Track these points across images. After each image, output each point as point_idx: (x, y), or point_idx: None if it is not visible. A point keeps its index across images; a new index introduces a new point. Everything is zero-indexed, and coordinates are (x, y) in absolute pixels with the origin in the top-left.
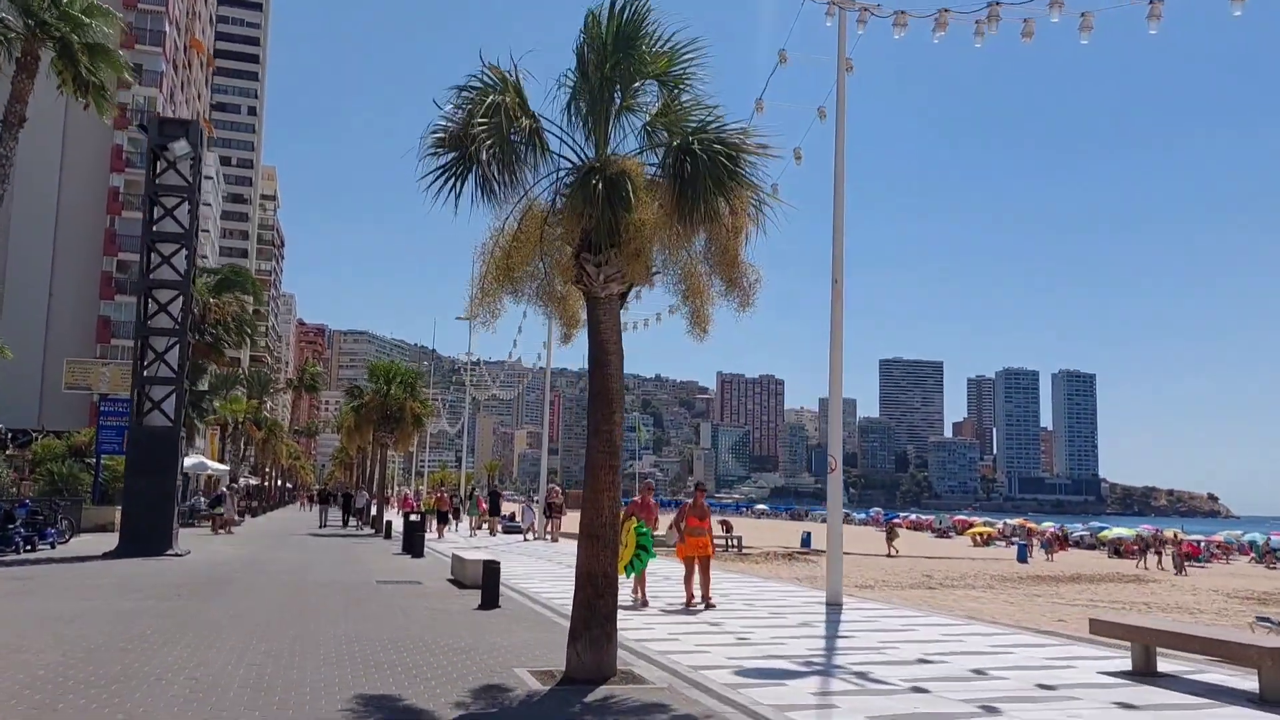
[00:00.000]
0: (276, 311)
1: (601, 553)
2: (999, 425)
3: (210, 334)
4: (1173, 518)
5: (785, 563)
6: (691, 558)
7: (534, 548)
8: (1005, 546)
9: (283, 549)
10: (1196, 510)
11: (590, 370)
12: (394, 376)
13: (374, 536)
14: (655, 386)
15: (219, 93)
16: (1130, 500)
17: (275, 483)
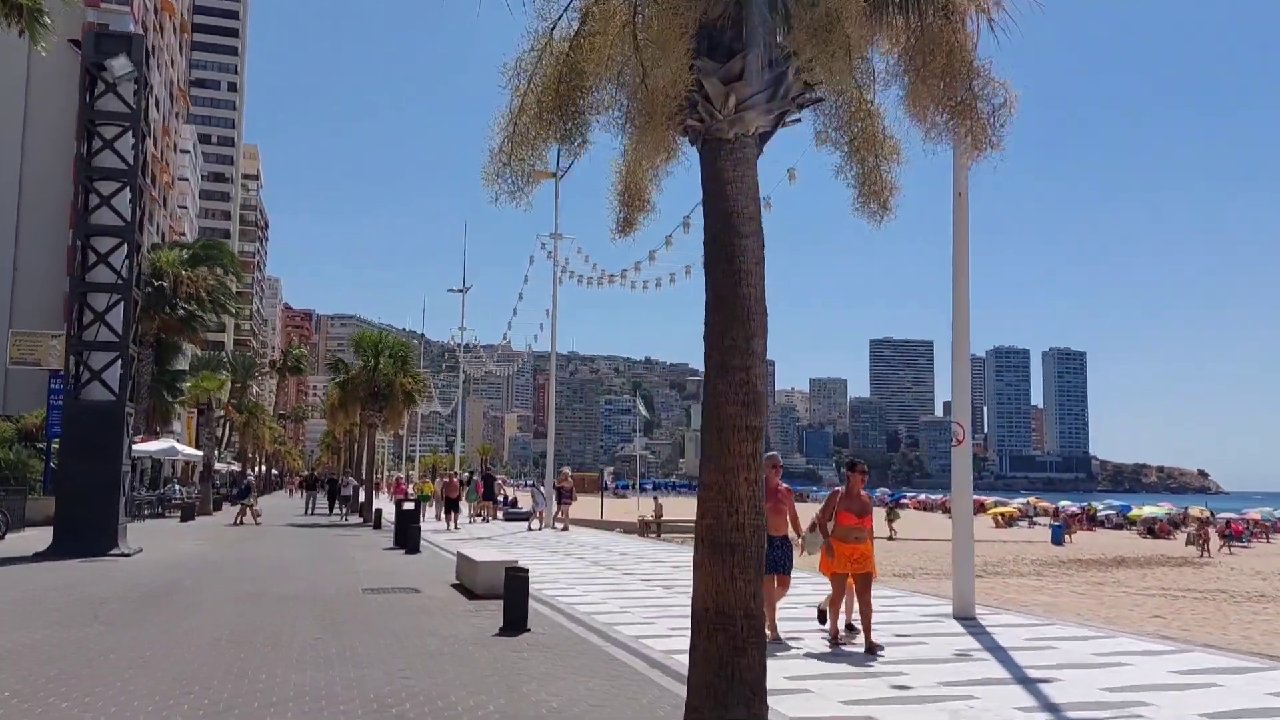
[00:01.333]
0: (261, 295)
1: (739, 575)
2: (990, 404)
3: (183, 309)
4: (1163, 494)
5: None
6: (844, 575)
7: (544, 538)
8: (1028, 527)
9: (257, 543)
10: (1187, 486)
11: (709, 264)
12: (383, 349)
13: (363, 526)
14: (645, 369)
15: (197, 68)
16: (1121, 477)
17: (260, 469)
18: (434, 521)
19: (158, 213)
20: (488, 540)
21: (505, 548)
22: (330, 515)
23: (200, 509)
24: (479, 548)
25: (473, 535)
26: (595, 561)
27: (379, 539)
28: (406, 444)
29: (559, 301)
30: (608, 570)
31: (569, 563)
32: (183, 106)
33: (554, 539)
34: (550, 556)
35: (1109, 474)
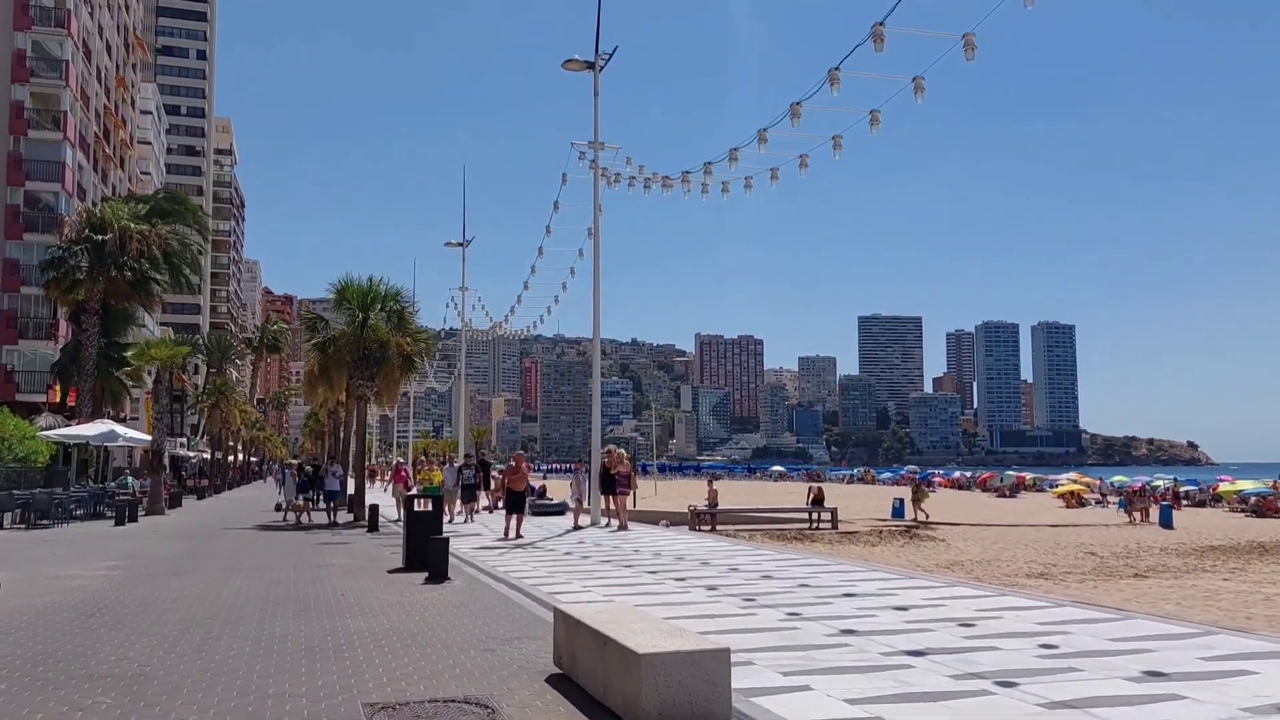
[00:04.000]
0: (239, 277)
1: None
2: (979, 379)
3: (131, 269)
4: (1153, 466)
5: (912, 543)
6: None
7: (607, 544)
8: (1104, 508)
9: (194, 563)
10: (1177, 458)
11: None
12: (373, 300)
13: (353, 527)
14: (633, 350)
15: (164, 34)
16: (1111, 450)
17: (238, 457)
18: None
19: (113, 172)
20: (535, 551)
21: (582, 572)
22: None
23: (150, 506)
24: (573, 593)
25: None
26: (756, 599)
27: (379, 551)
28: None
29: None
30: (811, 623)
31: (724, 603)
32: (140, 56)
33: (621, 544)
34: (675, 590)
35: (1099, 447)
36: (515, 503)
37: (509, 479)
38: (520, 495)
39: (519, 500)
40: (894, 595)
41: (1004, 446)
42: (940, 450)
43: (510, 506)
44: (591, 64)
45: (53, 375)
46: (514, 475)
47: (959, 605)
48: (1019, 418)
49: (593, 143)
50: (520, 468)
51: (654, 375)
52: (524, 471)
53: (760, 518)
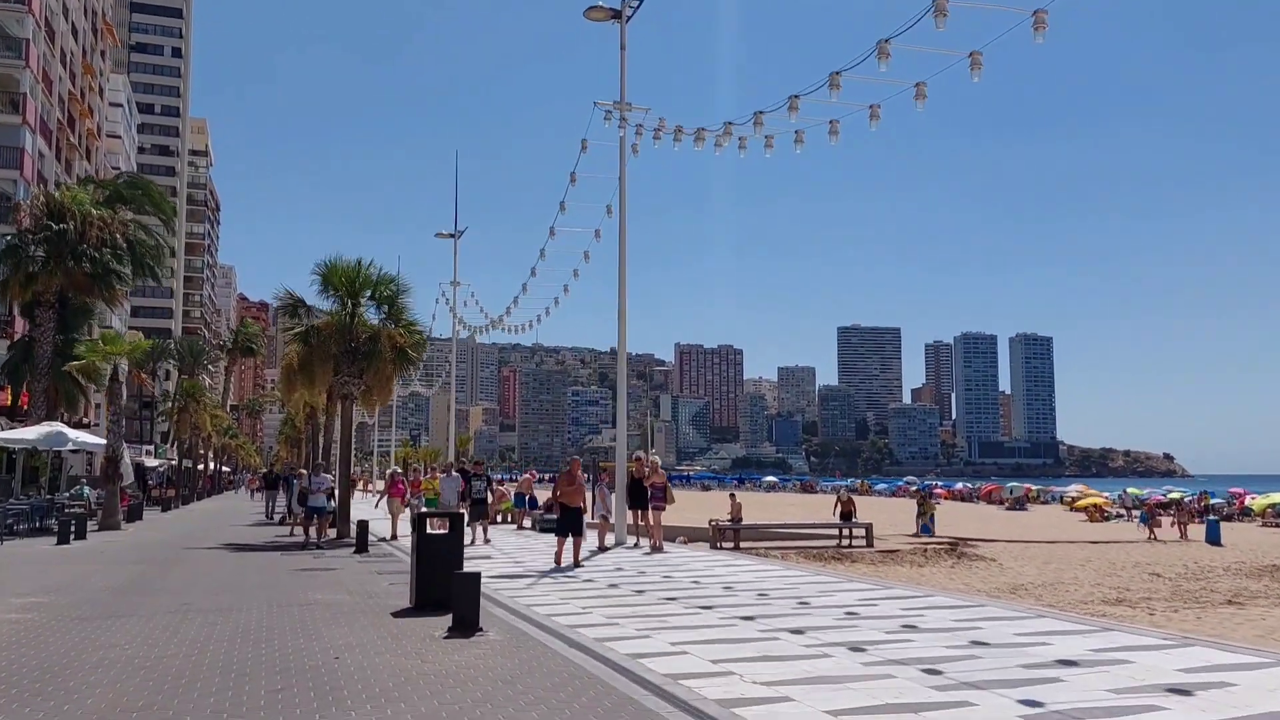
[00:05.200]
0: (214, 282)
1: None
2: (958, 390)
3: (91, 259)
4: (1130, 478)
5: (961, 564)
6: None
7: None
8: (1127, 520)
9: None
10: (1153, 470)
11: None
12: (362, 286)
13: (337, 547)
14: (611, 360)
15: (137, 31)
16: (1088, 462)
17: (209, 465)
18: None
19: (78, 163)
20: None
21: (648, 616)
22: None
23: (104, 520)
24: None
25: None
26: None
27: (375, 581)
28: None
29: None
30: None
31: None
32: (110, 44)
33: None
34: (795, 648)
35: (1076, 459)
36: (571, 523)
37: (562, 491)
38: (578, 514)
39: (575, 520)
40: (1048, 646)
41: (982, 458)
42: (919, 461)
43: (564, 526)
44: (617, 13)
45: (3, 375)
46: (569, 487)
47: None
48: (997, 429)
49: (618, 103)
50: (578, 477)
51: (633, 384)
52: (581, 482)
53: (786, 534)
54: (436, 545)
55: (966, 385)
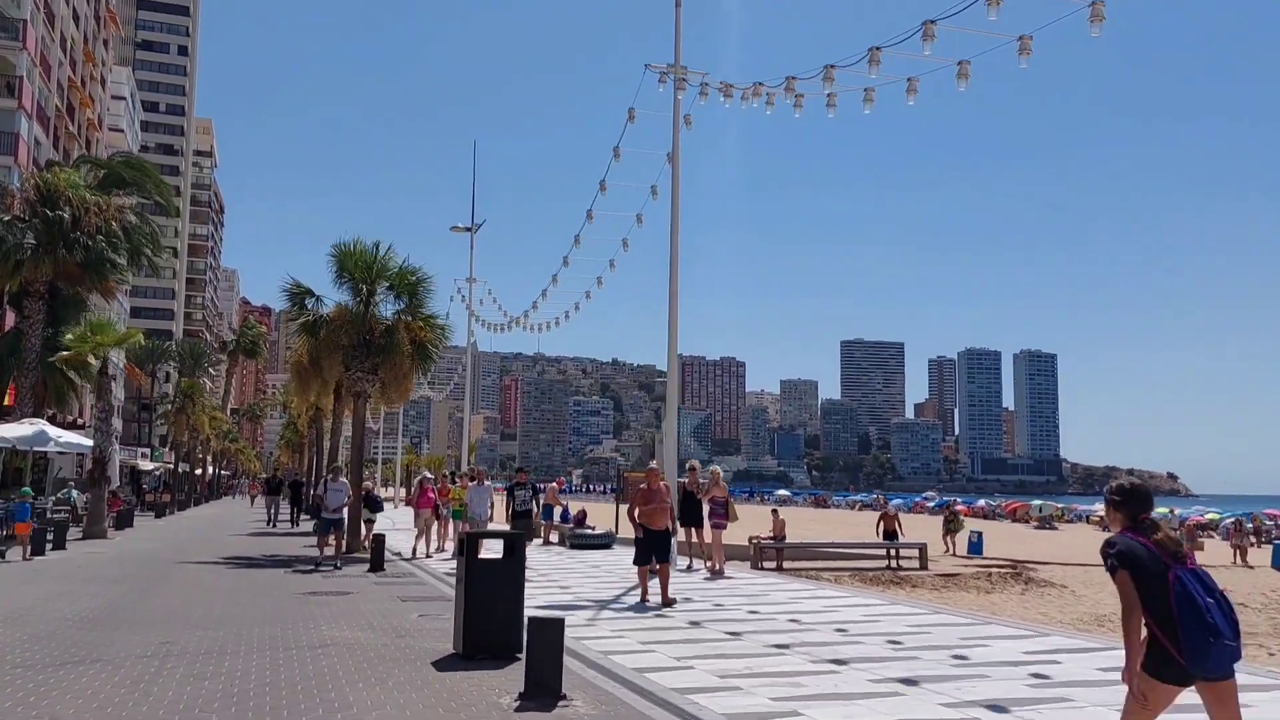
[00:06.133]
0: (216, 284)
1: None
2: (961, 406)
3: (84, 247)
4: None
5: (1030, 589)
6: None
7: (721, 598)
8: None
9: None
10: (1157, 489)
11: None
12: (377, 274)
13: (349, 563)
14: (613, 370)
15: (144, 28)
16: (1091, 480)
17: (207, 470)
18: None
19: (77, 152)
20: (638, 619)
21: (765, 672)
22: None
23: (88, 527)
24: (718, 678)
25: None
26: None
27: (400, 611)
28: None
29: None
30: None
31: None
32: (114, 32)
33: (751, 602)
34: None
35: (1079, 476)
36: (658, 550)
37: (641, 510)
38: (665, 539)
39: (662, 546)
40: None
41: (985, 474)
42: (921, 476)
43: (648, 553)
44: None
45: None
46: (650, 504)
47: None
48: (1000, 445)
49: (672, 66)
50: (660, 489)
51: (635, 395)
52: (665, 496)
53: (830, 554)
54: (491, 574)
55: (970, 401)
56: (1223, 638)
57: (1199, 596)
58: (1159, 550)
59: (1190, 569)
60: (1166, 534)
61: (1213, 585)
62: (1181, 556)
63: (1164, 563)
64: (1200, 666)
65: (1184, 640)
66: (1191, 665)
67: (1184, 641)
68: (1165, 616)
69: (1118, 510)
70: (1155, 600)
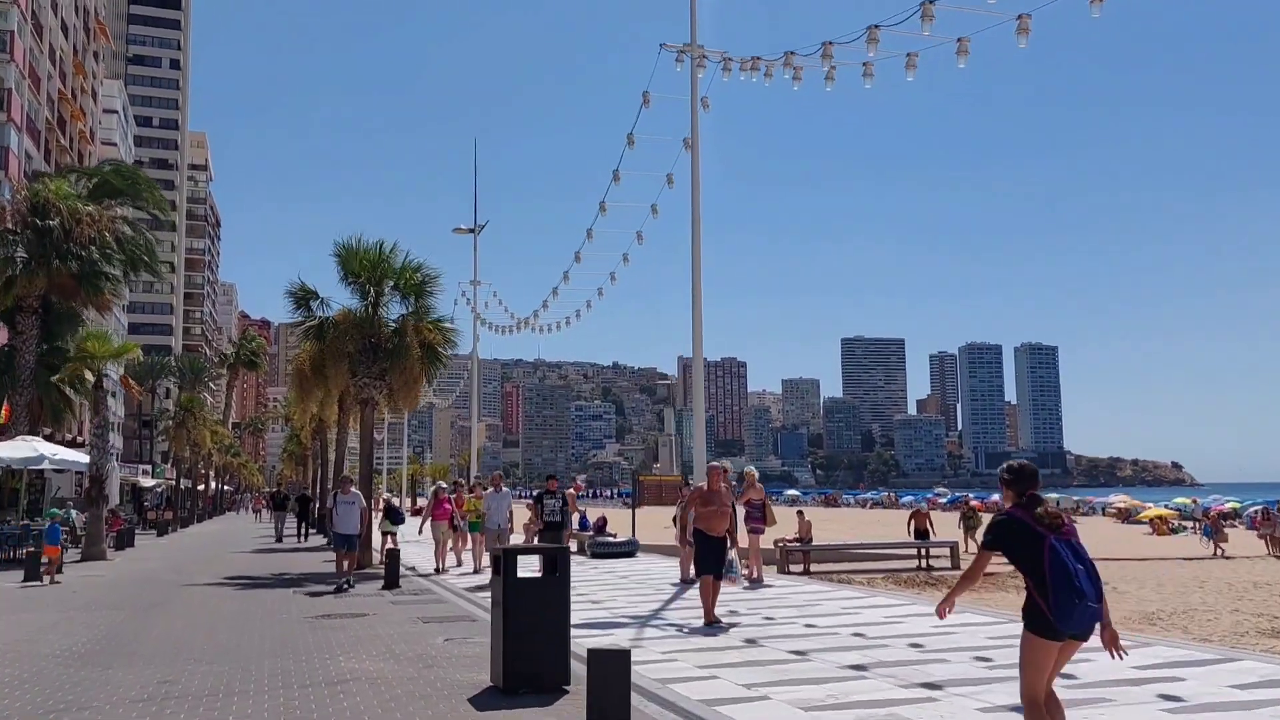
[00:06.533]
0: (214, 299)
1: None
2: (963, 401)
3: (77, 259)
4: (1139, 487)
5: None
6: None
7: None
8: (1191, 533)
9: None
10: (1162, 479)
11: None
12: (383, 274)
13: (361, 580)
14: (614, 374)
15: (135, 43)
16: (1096, 471)
17: (209, 485)
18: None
19: (68, 165)
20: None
21: (874, 705)
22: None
23: (87, 549)
24: None
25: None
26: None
27: (424, 635)
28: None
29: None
30: None
31: None
32: (104, 44)
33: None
34: None
35: (1084, 468)
36: (713, 556)
37: (699, 513)
38: (723, 546)
39: (719, 555)
40: None
41: (989, 468)
42: (925, 472)
43: (707, 563)
44: None
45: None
46: (710, 506)
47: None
48: (1003, 439)
49: (688, 45)
50: (722, 491)
51: (636, 399)
52: (726, 499)
53: (860, 554)
54: (533, 595)
55: (972, 396)
56: (1087, 599)
57: (1070, 563)
58: (1037, 522)
59: (1065, 539)
60: (1047, 509)
61: (1083, 554)
62: (1058, 527)
63: (1040, 533)
64: (1066, 624)
65: (1054, 601)
66: (1060, 623)
67: (1053, 602)
68: (1040, 580)
69: (1009, 488)
70: (1032, 566)
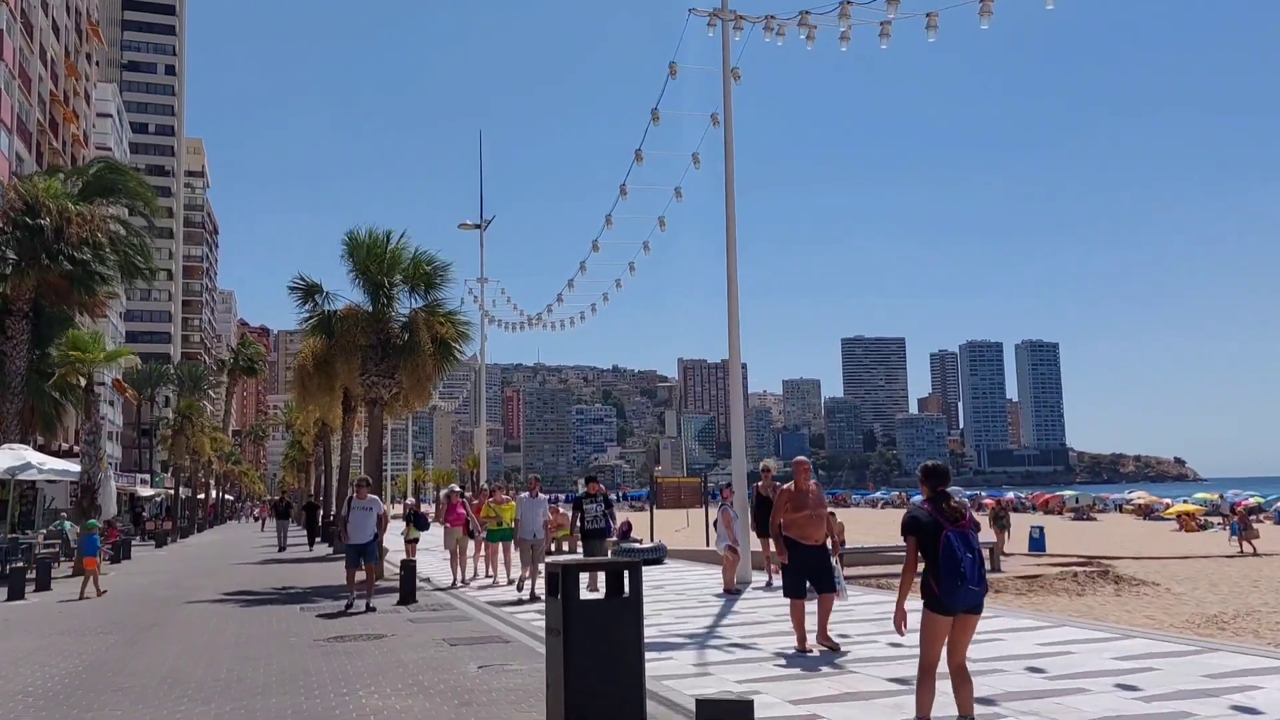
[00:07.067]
0: (213, 306)
1: None
2: (965, 399)
3: (69, 259)
4: (1142, 483)
5: (1124, 589)
6: None
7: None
8: (1220, 529)
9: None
10: (1164, 475)
11: None
12: (391, 264)
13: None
14: (614, 377)
15: (130, 50)
16: (1098, 468)
17: (210, 494)
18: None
19: (62, 166)
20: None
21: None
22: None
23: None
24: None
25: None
26: None
27: (454, 659)
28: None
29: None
30: None
31: None
32: (97, 46)
33: (901, 639)
34: None
35: (1086, 465)
36: (817, 567)
37: (788, 519)
38: (825, 555)
39: (823, 564)
40: None
41: (992, 466)
42: None
43: (803, 575)
44: None
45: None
46: (802, 510)
47: None
48: (1005, 437)
49: (719, 10)
50: (815, 492)
51: (637, 401)
52: (819, 498)
53: (892, 558)
54: (600, 622)
55: (973, 394)
56: (968, 583)
57: (959, 551)
58: (941, 515)
59: (959, 530)
60: (952, 505)
61: (973, 544)
62: (957, 520)
63: (941, 525)
64: (952, 602)
65: (942, 582)
66: (947, 600)
67: (942, 583)
68: (934, 564)
69: (924, 484)
70: (930, 552)
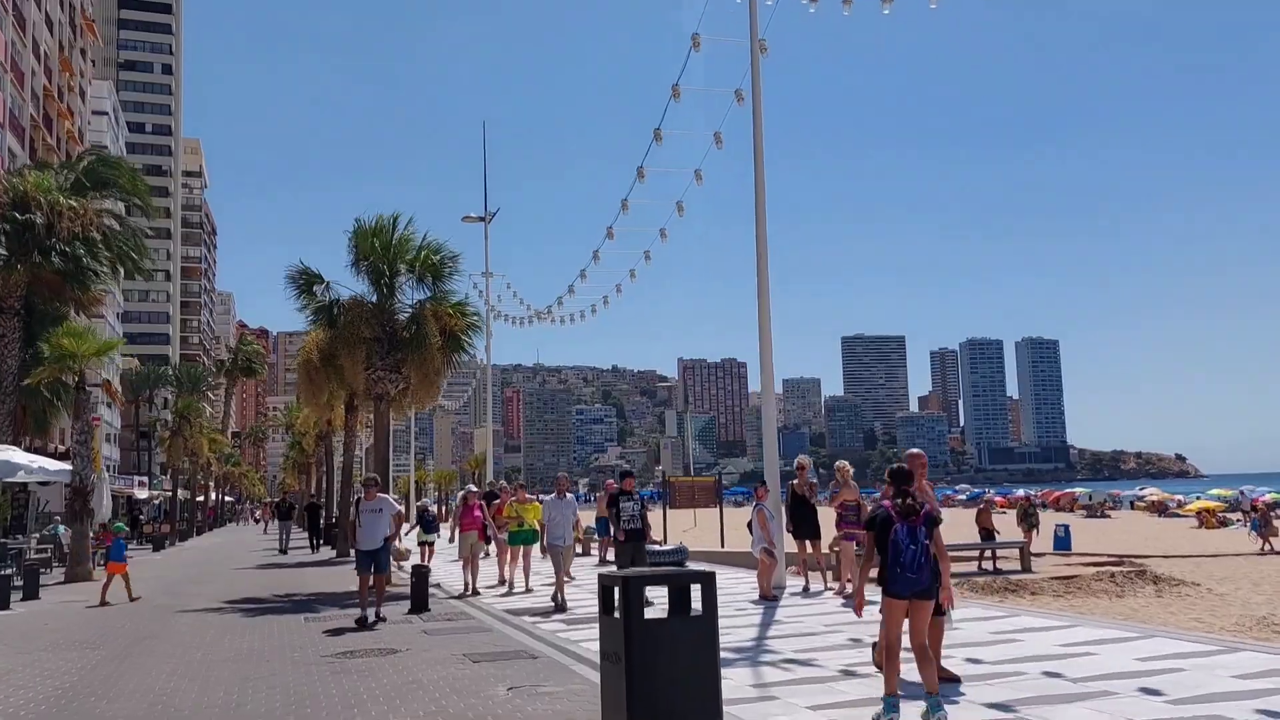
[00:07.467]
0: (211, 308)
1: None
2: (965, 397)
3: (61, 254)
4: (1143, 479)
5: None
6: None
7: None
8: (1240, 526)
9: None
10: (1166, 471)
11: None
12: (397, 253)
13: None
14: (614, 377)
15: (127, 49)
16: (1099, 465)
17: (209, 496)
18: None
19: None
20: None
21: None
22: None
23: (72, 569)
24: None
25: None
26: None
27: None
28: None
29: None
30: None
31: None
32: (92, 41)
33: (978, 654)
34: None
35: (1087, 462)
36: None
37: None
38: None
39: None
40: None
41: (993, 464)
42: (929, 470)
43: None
44: None
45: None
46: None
47: None
48: (1006, 434)
49: None
50: (924, 487)
51: (637, 401)
52: (932, 498)
53: None
54: (669, 645)
55: (974, 391)
56: (908, 571)
57: (904, 543)
58: (896, 511)
59: (910, 526)
60: (908, 503)
61: (919, 538)
62: (909, 516)
63: (892, 519)
64: (896, 588)
65: (888, 570)
66: (892, 586)
67: (889, 571)
68: (884, 554)
69: (889, 484)
70: (883, 544)
